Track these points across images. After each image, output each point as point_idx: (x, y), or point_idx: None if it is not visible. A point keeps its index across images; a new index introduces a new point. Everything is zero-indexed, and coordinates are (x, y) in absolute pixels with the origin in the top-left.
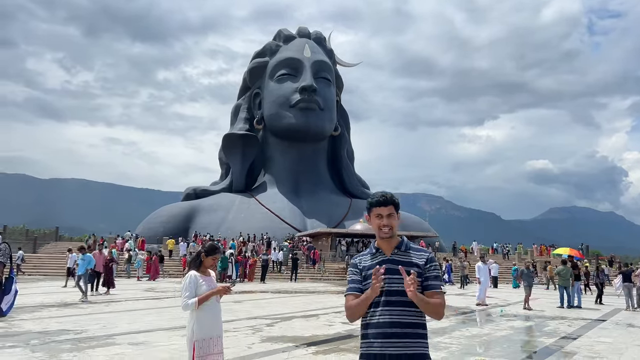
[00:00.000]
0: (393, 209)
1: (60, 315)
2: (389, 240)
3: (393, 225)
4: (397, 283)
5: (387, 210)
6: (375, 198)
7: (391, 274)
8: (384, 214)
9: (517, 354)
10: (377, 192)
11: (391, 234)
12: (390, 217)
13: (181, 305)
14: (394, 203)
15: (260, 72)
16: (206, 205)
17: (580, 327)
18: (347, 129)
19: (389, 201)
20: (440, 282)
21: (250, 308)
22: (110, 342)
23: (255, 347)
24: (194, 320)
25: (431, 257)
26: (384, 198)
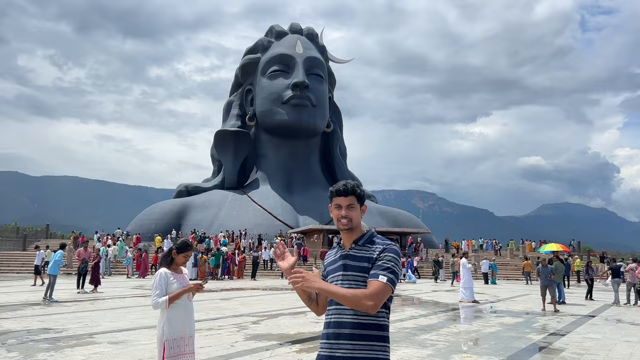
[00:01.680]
0: (354, 200)
1: (43, 314)
2: (349, 234)
3: (352, 217)
4: (349, 280)
5: (346, 201)
6: (335, 187)
7: (345, 270)
8: (343, 205)
9: (505, 350)
10: (340, 182)
11: (349, 226)
12: (350, 209)
13: (151, 304)
14: (356, 193)
15: (252, 69)
16: (198, 202)
17: (570, 323)
18: (340, 126)
19: (349, 191)
20: (382, 272)
21: (238, 305)
22: (90, 341)
23: (238, 345)
24: (164, 320)
25: (388, 248)
26: (345, 187)
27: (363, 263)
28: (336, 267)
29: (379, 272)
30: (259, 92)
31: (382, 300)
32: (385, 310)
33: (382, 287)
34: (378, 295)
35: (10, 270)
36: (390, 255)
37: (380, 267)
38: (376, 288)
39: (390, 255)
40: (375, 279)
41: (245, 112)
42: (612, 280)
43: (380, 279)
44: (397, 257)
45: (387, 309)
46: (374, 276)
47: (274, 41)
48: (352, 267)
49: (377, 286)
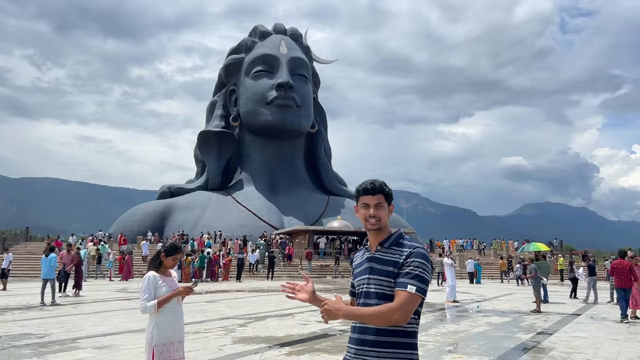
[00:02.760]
0: (382, 199)
1: (24, 319)
2: (376, 234)
3: (381, 217)
4: (375, 284)
5: (374, 200)
6: (362, 185)
7: (371, 273)
8: (371, 204)
9: (494, 350)
10: (367, 180)
11: (378, 227)
12: (379, 208)
13: (140, 308)
14: (384, 192)
15: (236, 69)
16: (182, 203)
17: (556, 322)
18: (324, 126)
19: (377, 189)
20: (410, 281)
21: (224, 308)
22: (73, 346)
23: (226, 349)
24: (153, 324)
25: (415, 252)
26: (372, 186)
27: (389, 267)
28: (362, 269)
29: (407, 280)
30: (242, 93)
31: (410, 311)
32: (414, 316)
33: (411, 298)
34: (406, 306)
35: None
36: (418, 260)
37: (409, 275)
38: (404, 299)
39: (417, 261)
40: (403, 289)
41: (229, 112)
42: (589, 277)
43: (409, 289)
44: (426, 261)
45: (416, 315)
46: (401, 285)
47: (258, 41)
48: (378, 270)
49: (405, 297)
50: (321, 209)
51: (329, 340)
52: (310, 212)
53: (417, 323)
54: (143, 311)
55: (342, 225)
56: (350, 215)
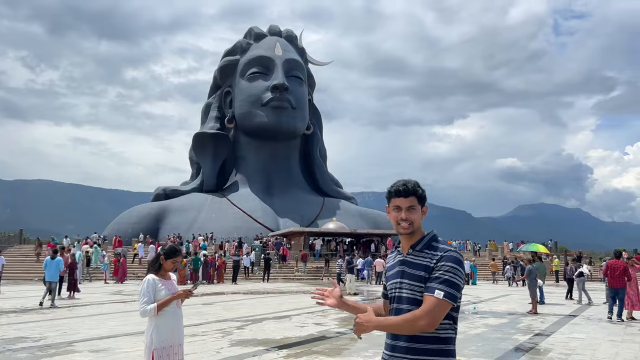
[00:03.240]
0: (415, 201)
1: (19, 322)
2: (408, 238)
3: (414, 220)
4: (407, 289)
5: (407, 202)
6: (394, 186)
7: (402, 277)
8: (403, 206)
9: (492, 352)
10: (399, 180)
11: (410, 230)
12: (411, 211)
13: (139, 312)
14: (417, 194)
15: (231, 71)
16: (177, 205)
17: (553, 323)
18: (320, 128)
19: (410, 191)
20: (438, 286)
21: (220, 310)
22: (69, 349)
23: (224, 352)
24: (152, 327)
25: (446, 256)
26: (405, 187)
27: (420, 272)
28: (394, 273)
29: (436, 285)
30: (238, 94)
31: (438, 318)
32: (449, 321)
33: (438, 303)
34: (433, 312)
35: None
36: (449, 264)
37: (438, 280)
38: (431, 305)
39: (448, 265)
40: (430, 294)
41: (224, 114)
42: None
43: (436, 295)
44: (457, 265)
45: (451, 320)
46: (429, 290)
47: (253, 43)
48: (409, 275)
49: (432, 303)
50: (317, 210)
51: (327, 343)
52: (305, 214)
53: (452, 329)
54: (142, 314)
55: (337, 226)
56: (346, 216)
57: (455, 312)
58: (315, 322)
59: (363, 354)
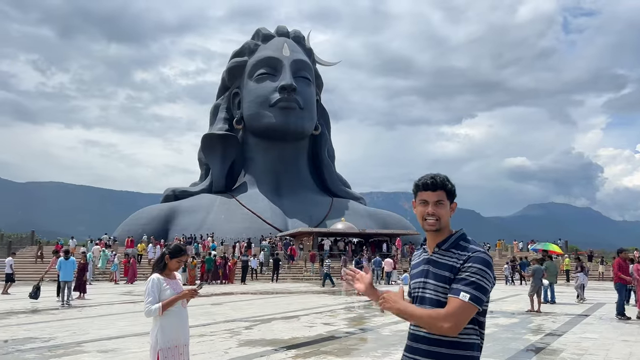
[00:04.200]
0: (444, 195)
1: (29, 322)
2: (434, 235)
3: (441, 216)
4: (431, 290)
5: (435, 197)
6: (422, 180)
7: (426, 277)
8: (430, 201)
9: (503, 352)
10: (427, 174)
11: (437, 227)
12: (439, 206)
13: (144, 312)
14: (446, 188)
15: (239, 72)
16: (186, 206)
17: (565, 323)
18: (328, 128)
19: (438, 185)
20: (464, 288)
21: (229, 310)
22: (78, 350)
23: (232, 352)
24: (157, 327)
25: (474, 256)
26: (433, 181)
27: (445, 272)
28: (419, 271)
29: (461, 287)
30: (246, 95)
31: (462, 322)
32: (474, 326)
33: (463, 306)
34: (457, 316)
35: None
36: (477, 266)
37: (464, 282)
38: (455, 308)
39: (476, 267)
40: (455, 296)
41: (233, 115)
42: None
43: (462, 297)
44: (485, 267)
45: (477, 325)
46: (454, 292)
47: (261, 44)
48: (434, 275)
49: (456, 305)
50: (325, 210)
51: (336, 343)
52: (314, 214)
53: (477, 334)
54: (147, 314)
55: (346, 227)
56: (354, 216)
57: (482, 316)
58: (323, 322)
59: (372, 354)
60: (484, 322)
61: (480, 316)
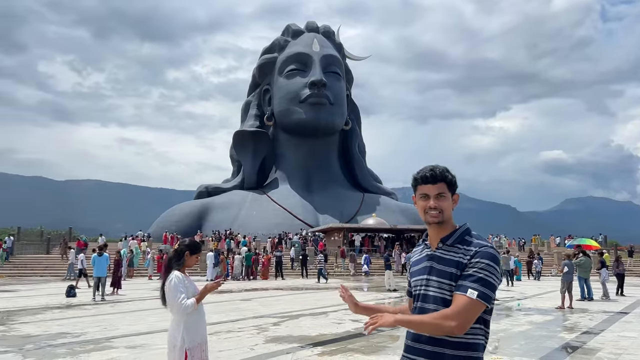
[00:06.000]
0: (445, 188)
1: (63, 317)
2: (437, 229)
3: (443, 208)
4: (434, 287)
5: (435, 189)
6: (421, 173)
7: (430, 274)
8: (431, 194)
9: (537, 351)
10: (426, 166)
11: (440, 220)
12: (440, 198)
13: (179, 309)
14: (447, 180)
15: (270, 68)
16: (218, 203)
17: (602, 320)
18: (358, 123)
19: (438, 177)
20: (472, 284)
21: (258, 306)
22: (107, 345)
23: (258, 349)
24: (182, 326)
25: (481, 252)
26: (432, 173)
27: (450, 268)
28: (420, 268)
29: (468, 284)
30: (276, 92)
31: (470, 320)
32: (480, 325)
33: (470, 304)
34: (464, 314)
35: (33, 273)
36: (484, 262)
37: (471, 278)
38: (462, 305)
39: (483, 262)
40: (462, 293)
41: (264, 112)
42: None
43: (469, 294)
44: (494, 263)
45: (483, 324)
46: (461, 289)
47: (291, 40)
48: (438, 271)
49: (463, 303)
50: (356, 206)
51: (363, 340)
52: (345, 210)
53: (482, 334)
54: (184, 311)
55: (377, 222)
56: (386, 212)
57: (489, 314)
58: (352, 318)
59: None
60: (489, 321)
61: (487, 314)
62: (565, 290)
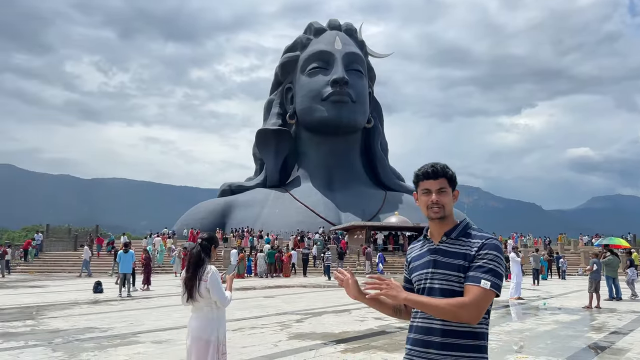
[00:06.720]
0: (446, 183)
1: (90, 313)
2: (440, 224)
3: (445, 204)
4: (441, 280)
5: (437, 185)
6: (422, 169)
7: (435, 267)
8: (433, 189)
9: (563, 350)
10: (427, 163)
11: (441, 215)
12: (442, 193)
13: (225, 301)
14: (447, 175)
15: (292, 67)
16: (242, 200)
17: (632, 320)
18: (380, 121)
19: (439, 173)
20: (484, 275)
21: (281, 303)
22: (133, 340)
23: (281, 345)
24: (216, 321)
25: (488, 243)
26: (434, 169)
27: (458, 260)
28: (423, 262)
29: (480, 275)
30: (298, 90)
31: (483, 309)
32: (485, 315)
33: (484, 294)
34: (479, 304)
35: (62, 269)
36: (493, 253)
37: (482, 269)
38: (477, 295)
39: (492, 254)
40: (475, 284)
41: (286, 110)
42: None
43: (483, 285)
44: (500, 254)
45: (487, 314)
46: (473, 280)
47: (313, 38)
48: (444, 264)
49: (477, 293)
50: (378, 204)
51: (386, 338)
52: (367, 208)
53: (487, 324)
54: (228, 303)
55: (400, 220)
56: (409, 210)
57: (490, 305)
58: (375, 316)
59: None
60: (490, 310)
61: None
62: (593, 290)
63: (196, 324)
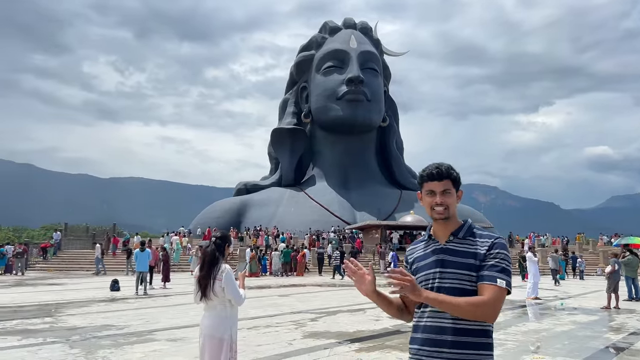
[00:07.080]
0: (450, 184)
1: (107, 310)
2: (444, 224)
3: (449, 205)
4: (451, 279)
5: (441, 186)
6: (426, 170)
7: (443, 267)
8: (437, 190)
9: (580, 351)
10: (432, 163)
11: (446, 215)
12: (446, 195)
13: (240, 300)
14: (451, 177)
15: (307, 66)
16: (257, 199)
17: None
18: (396, 120)
19: (444, 174)
20: (498, 274)
21: (295, 302)
22: (149, 337)
23: (296, 343)
24: (230, 319)
25: (497, 243)
26: (438, 170)
27: (468, 259)
28: (429, 262)
29: (495, 274)
30: (313, 89)
31: (500, 307)
32: None
33: (501, 292)
34: (497, 302)
35: (80, 267)
36: (503, 252)
37: (496, 268)
38: (495, 294)
39: (503, 253)
40: (492, 283)
41: (301, 109)
42: None
43: (499, 284)
44: (508, 253)
45: None
46: (489, 279)
47: (328, 37)
48: (454, 263)
49: (495, 291)
50: (394, 203)
51: (401, 337)
52: (382, 207)
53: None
54: (242, 302)
55: (415, 219)
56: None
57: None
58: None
59: None
60: None
61: None
62: (612, 290)
63: (209, 322)
